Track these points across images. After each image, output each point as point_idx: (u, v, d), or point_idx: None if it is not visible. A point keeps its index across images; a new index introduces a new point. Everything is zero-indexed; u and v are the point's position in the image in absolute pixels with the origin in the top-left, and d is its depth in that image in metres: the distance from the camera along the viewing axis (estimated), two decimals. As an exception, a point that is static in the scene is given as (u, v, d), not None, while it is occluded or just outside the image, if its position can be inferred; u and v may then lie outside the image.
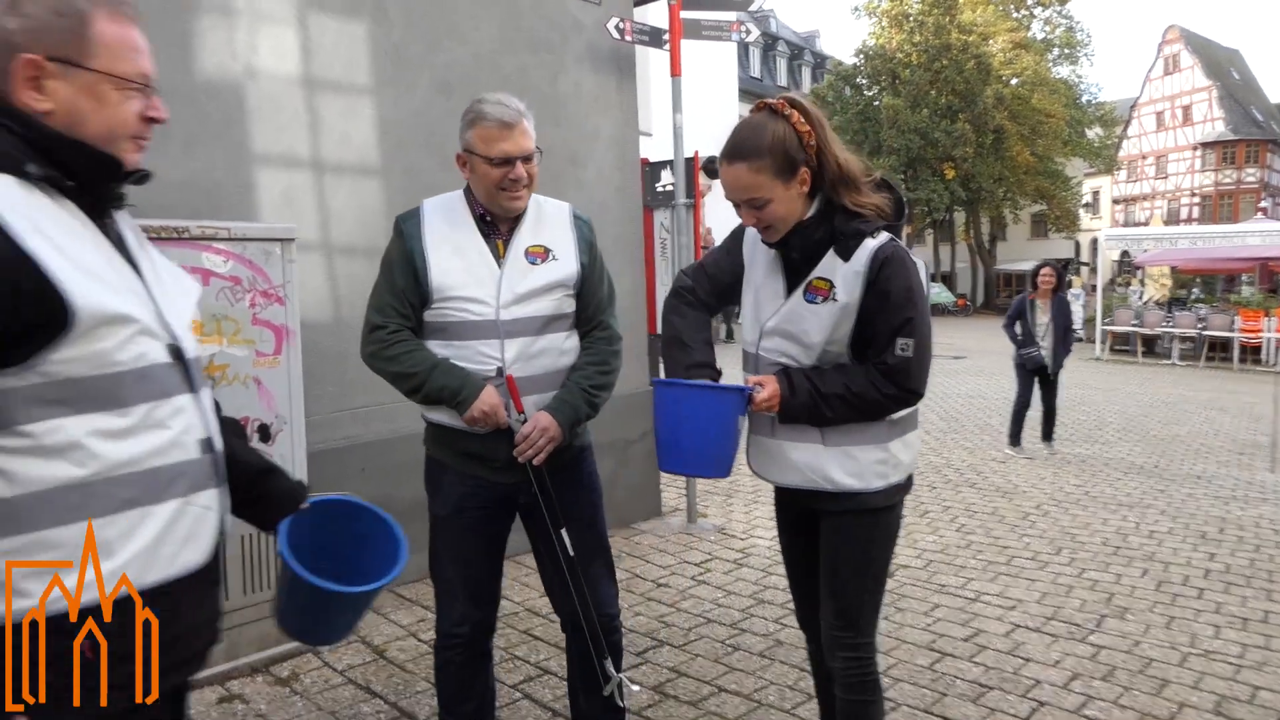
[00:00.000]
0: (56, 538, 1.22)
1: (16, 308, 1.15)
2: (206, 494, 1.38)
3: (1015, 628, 3.80)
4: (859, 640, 2.17)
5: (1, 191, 1.19)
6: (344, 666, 3.39)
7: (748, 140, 1.96)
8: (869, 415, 2.02)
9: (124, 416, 1.26)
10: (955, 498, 6.16)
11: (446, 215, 2.34)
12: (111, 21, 1.29)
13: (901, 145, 33.05)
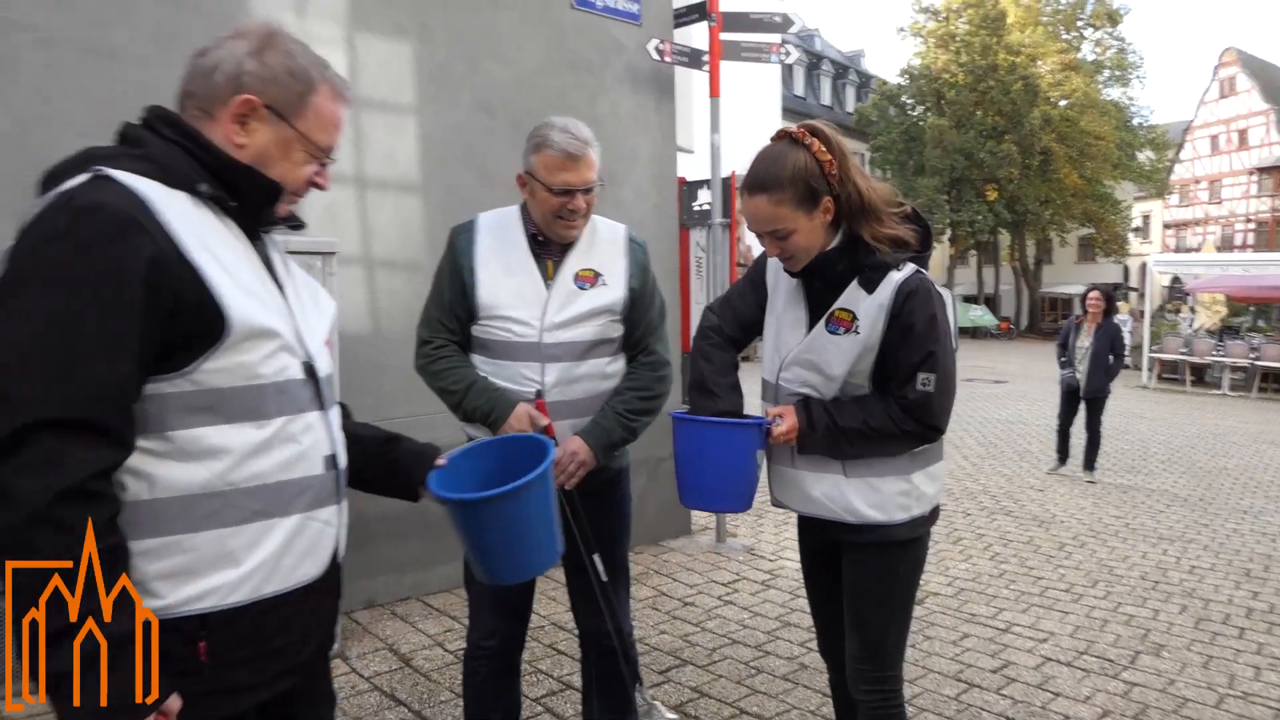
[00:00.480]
0: (190, 543, 1.25)
1: (179, 316, 1.21)
2: (328, 510, 1.42)
3: (1046, 661, 3.73)
4: (884, 673, 2.15)
5: (175, 207, 1.25)
6: (370, 673, 3.44)
7: (768, 171, 1.94)
8: (888, 451, 2.01)
9: (261, 429, 1.31)
10: (990, 525, 6.07)
11: (500, 232, 2.36)
12: (329, 99, 1.41)
13: (945, 166, 32.77)
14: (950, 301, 2.11)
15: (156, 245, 1.19)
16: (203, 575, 1.26)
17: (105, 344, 1.15)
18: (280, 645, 1.36)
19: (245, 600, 1.29)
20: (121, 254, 1.16)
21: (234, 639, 1.29)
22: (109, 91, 3.29)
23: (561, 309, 2.30)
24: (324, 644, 1.52)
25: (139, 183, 1.23)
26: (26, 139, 3.13)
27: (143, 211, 1.20)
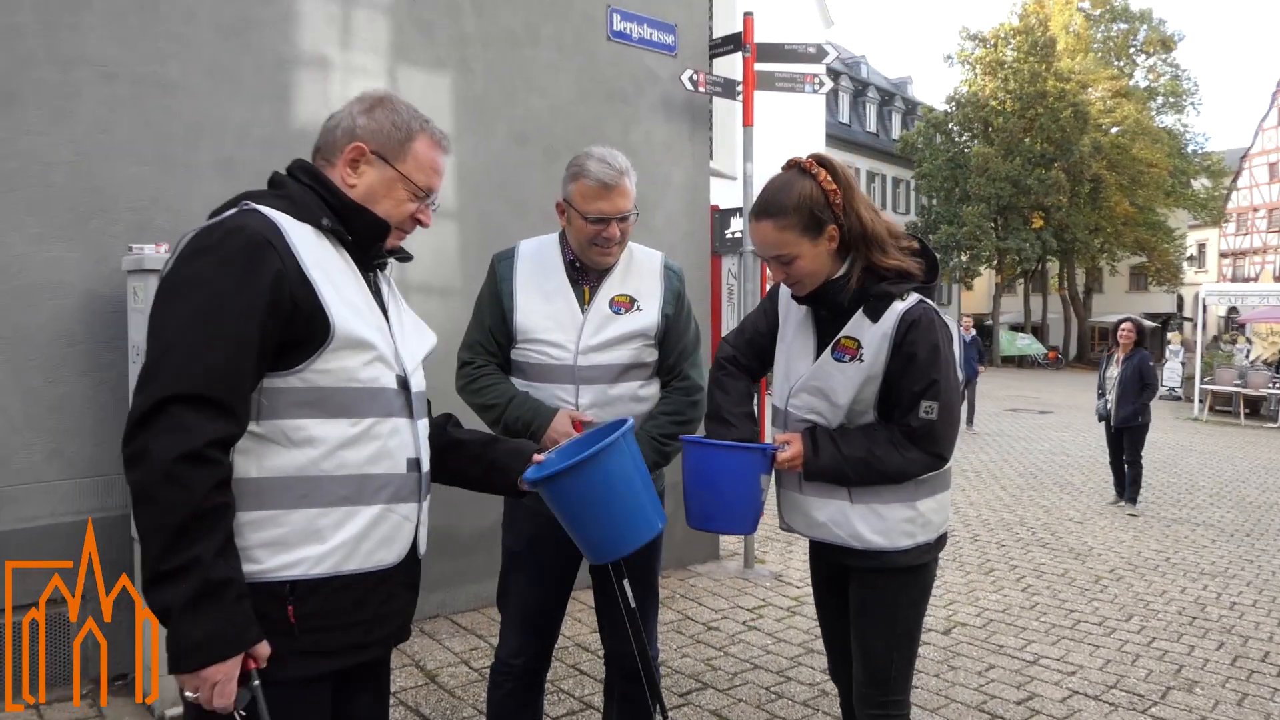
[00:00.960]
0: (286, 518, 1.46)
1: (294, 321, 1.45)
2: (407, 506, 1.61)
3: (1073, 694, 3.68)
4: (889, 699, 2.16)
5: (300, 234, 1.51)
6: (396, 689, 3.52)
7: (774, 198, 2.01)
8: (892, 479, 2.03)
9: (354, 426, 1.52)
10: (1024, 557, 5.99)
11: (539, 258, 2.44)
12: (427, 145, 1.66)
13: (991, 193, 32.41)
14: (957, 334, 2.14)
15: (282, 262, 1.45)
16: (294, 547, 1.46)
17: (233, 337, 1.39)
18: (355, 621, 1.54)
19: (328, 573, 1.49)
20: (254, 267, 1.42)
21: (317, 607, 1.49)
22: (165, 123, 3.48)
23: (596, 333, 2.36)
24: (398, 635, 1.68)
25: (275, 215, 1.51)
26: (88, 168, 3.33)
27: (275, 235, 1.47)
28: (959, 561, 5.81)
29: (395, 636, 1.68)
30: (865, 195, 2.06)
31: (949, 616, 4.66)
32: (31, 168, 3.20)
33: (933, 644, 4.22)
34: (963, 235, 32.22)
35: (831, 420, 2.09)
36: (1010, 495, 8.32)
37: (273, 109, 3.72)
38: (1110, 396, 7.79)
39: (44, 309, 3.27)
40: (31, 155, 3.20)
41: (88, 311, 3.33)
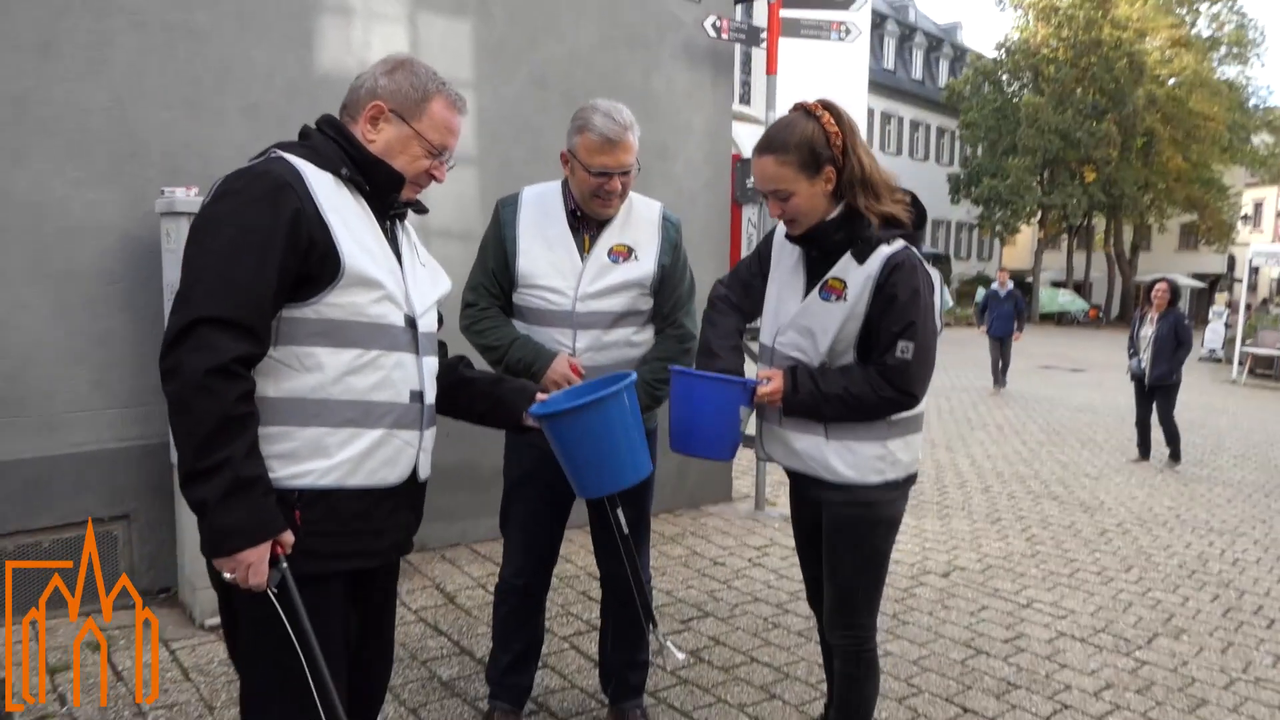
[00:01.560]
0: (298, 434, 1.64)
1: (310, 256, 1.61)
2: (409, 433, 1.77)
3: (1060, 635, 3.81)
4: (855, 620, 2.31)
5: (320, 181, 1.67)
6: (417, 607, 3.76)
7: (778, 135, 2.11)
8: (866, 417, 2.16)
9: (360, 356, 1.68)
10: (1033, 508, 6.08)
11: (542, 206, 2.56)
12: (443, 106, 1.79)
13: (1039, 145, 31.55)
14: (939, 283, 2.23)
15: (301, 203, 1.61)
16: (303, 460, 1.65)
17: (256, 267, 1.56)
18: (356, 530, 1.72)
19: (332, 485, 1.67)
20: (275, 206, 1.59)
21: (321, 514, 1.67)
22: (195, 68, 3.62)
23: (594, 281, 2.50)
24: (400, 546, 1.87)
25: (299, 162, 1.67)
26: (123, 113, 3.49)
27: (296, 179, 1.63)
28: (967, 511, 5.92)
29: (397, 549, 1.87)
30: (865, 143, 2.15)
31: (950, 561, 4.79)
32: (69, 114, 3.38)
33: (929, 585, 4.36)
34: (1005, 188, 31.49)
35: (814, 359, 2.21)
36: (1029, 450, 8.37)
37: (297, 55, 3.84)
38: (1144, 355, 7.82)
39: (86, 249, 3.47)
40: (69, 102, 3.38)
41: (125, 252, 3.53)
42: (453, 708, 2.92)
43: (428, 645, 3.40)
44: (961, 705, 3.12)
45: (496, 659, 2.75)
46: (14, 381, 3.33)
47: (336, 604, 1.74)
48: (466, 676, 3.12)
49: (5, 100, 3.28)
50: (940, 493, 6.42)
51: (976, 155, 34.62)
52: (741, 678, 3.26)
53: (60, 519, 3.42)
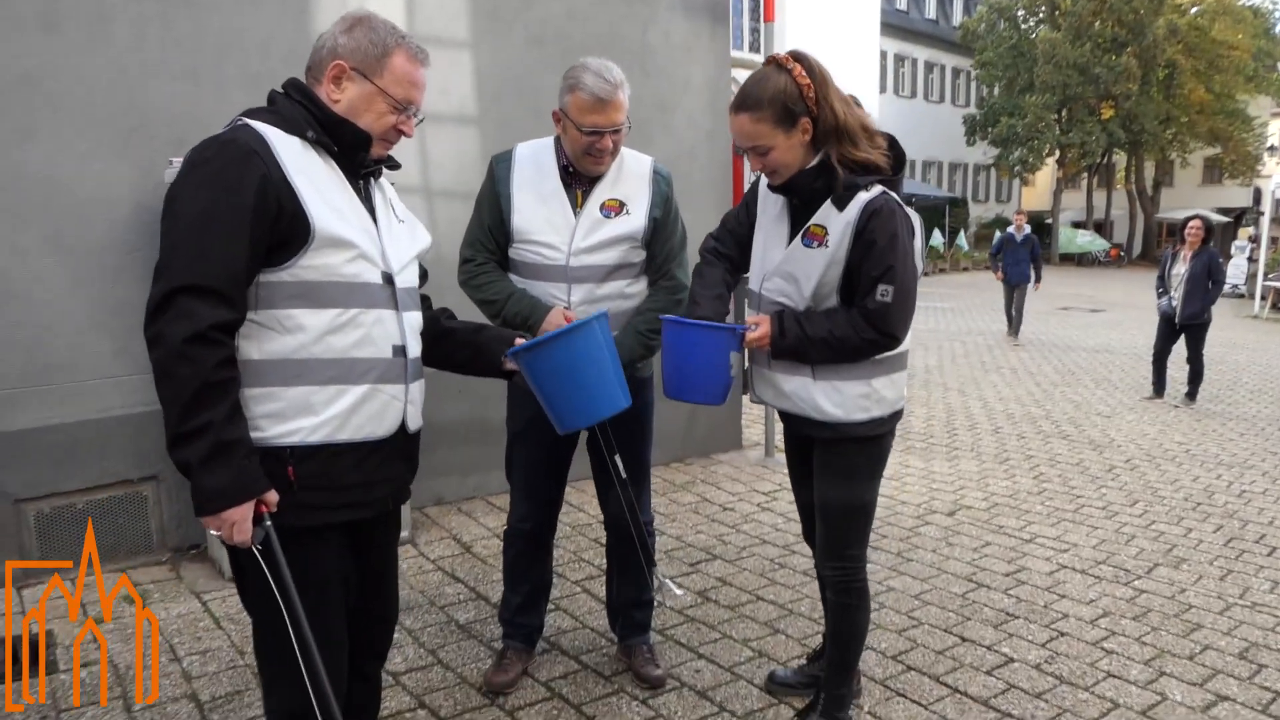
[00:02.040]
0: (283, 394, 1.70)
1: (280, 221, 1.65)
2: (394, 387, 1.82)
3: (1061, 569, 3.90)
4: (845, 552, 2.42)
5: (285, 144, 1.70)
6: (435, 557, 3.91)
7: (751, 92, 2.16)
8: (851, 358, 2.23)
9: (340, 315, 1.73)
10: (1042, 448, 6.14)
11: (535, 162, 2.62)
12: (404, 59, 1.79)
13: (1057, 82, 30.87)
14: (919, 227, 2.29)
15: (267, 169, 1.64)
16: (291, 419, 1.71)
17: (227, 236, 1.60)
18: (348, 483, 1.80)
19: (321, 441, 1.74)
20: (241, 174, 1.62)
21: (312, 469, 1.74)
22: (195, 40, 3.68)
23: (587, 235, 2.57)
24: (395, 495, 1.95)
25: (264, 128, 1.69)
26: (126, 86, 3.57)
27: (261, 146, 1.66)
28: (976, 452, 6.00)
29: (393, 498, 1.94)
30: (840, 90, 2.19)
31: (956, 500, 4.88)
32: (75, 89, 3.46)
33: (934, 524, 4.46)
34: (1023, 127, 30.91)
35: (799, 304, 2.27)
36: (1043, 391, 8.39)
37: (295, 22, 3.89)
38: (1176, 294, 7.78)
39: (98, 222, 3.57)
40: (74, 77, 3.45)
41: (139, 221, 3.63)
42: (469, 649, 3.07)
43: (445, 592, 3.55)
44: (960, 635, 3.23)
45: (508, 600, 2.89)
46: (38, 352, 3.47)
47: (333, 555, 1.83)
48: (482, 620, 3.27)
49: (12, 78, 3.36)
50: (950, 435, 6.49)
51: (994, 95, 33.95)
52: (747, 615, 3.38)
53: (91, 481, 3.58)
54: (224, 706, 2.65)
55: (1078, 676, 2.95)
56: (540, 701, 2.73)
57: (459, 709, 2.69)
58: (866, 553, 2.47)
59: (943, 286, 21.40)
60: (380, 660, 2.16)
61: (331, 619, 1.85)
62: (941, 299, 18.22)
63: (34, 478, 3.49)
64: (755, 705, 2.74)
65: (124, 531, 3.67)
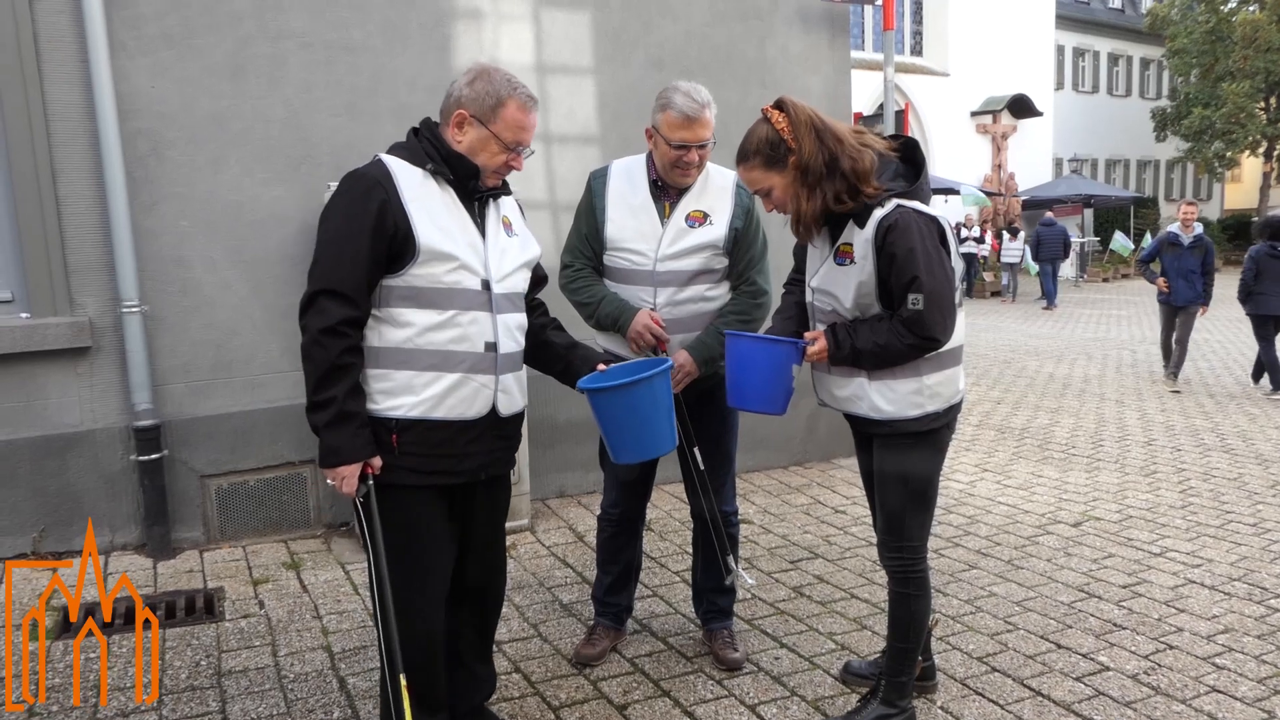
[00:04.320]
0: (393, 375, 2.09)
1: (395, 238, 2.04)
2: (485, 376, 2.16)
3: (1187, 583, 3.72)
4: (903, 544, 2.51)
5: (408, 175, 2.09)
6: (550, 544, 4.23)
7: (741, 146, 2.40)
8: (899, 362, 2.35)
9: (440, 314, 2.10)
10: (1198, 461, 5.75)
11: (628, 177, 2.89)
12: (515, 109, 2.13)
13: (1260, 67, 27.99)
14: (949, 226, 2.36)
15: (388, 196, 2.04)
16: (397, 396, 2.11)
17: (354, 251, 2.03)
18: (442, 453, 2.15)
19: (419, 416, 2.11)
20: (367, 201, 2.04)
21: (412, 438, 2.11)
22: (353, 79, 4.20)
23: (672, 244, 2.80)
24: (487, 467, 2.26)
25: (393, 162, 2.10)
26: (297, 122, 4.13)
27: (385, 178, 2.07)
28: (1120, 463, 5.70)
29: (485, 469, 2.26)
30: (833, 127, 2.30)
31: (1084, 512, 4.70)
32: (255, 126, 4.05)
33: (1056, 534, 4.33)
34: (1220, 118, 28.21)
35: (844, 314, 2.42)
36: (1216, 404, 7.77)
37: (436, 59, 4.35)
38: None
39: (272, 238, 4.15)
40: (255, 115, 4.04)
41: (304, 238, 4.18)
42: (568, 625, 3.34)
43: (554, 575, 3.85)
44: (1056, 642, 3.18)
45: (600, 580, 3.14)
46: (222, 349, 4.08)
47: (427, 511, 2.18)
48: (583, 601, 3.54)
49: (207, 117, 3.98)
50: (1095, 447, 6.19)
51: (1189, 83, 31.19)
52: (837, 611, 3.47)
53: (262, 462, 4.16)
54: (351, 657, 3.06)
55: (1177, 689, 2.85)
56: (622, 675, 2.96)
57: (549, 675, 2.96)
58: (926, 543, 2.54)
59: (1123, 293, 19.94)
60: (485, 625, 2.47)
61: (422, 562, 2.20)
62: (1118, 306, 17.02)
63: (216, 457, 4.09)
64: (827, 693, 2.85)
65: (286, 507, 4.22)
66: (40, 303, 3.81)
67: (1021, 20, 24.97)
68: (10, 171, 3.73)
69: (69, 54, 3.74)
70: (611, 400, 2.28)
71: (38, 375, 3.82)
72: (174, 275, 3.99)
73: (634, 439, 2.34)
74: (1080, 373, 9.50)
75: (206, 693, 2.85)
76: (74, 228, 3.82)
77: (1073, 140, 29.48)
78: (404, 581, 2.15)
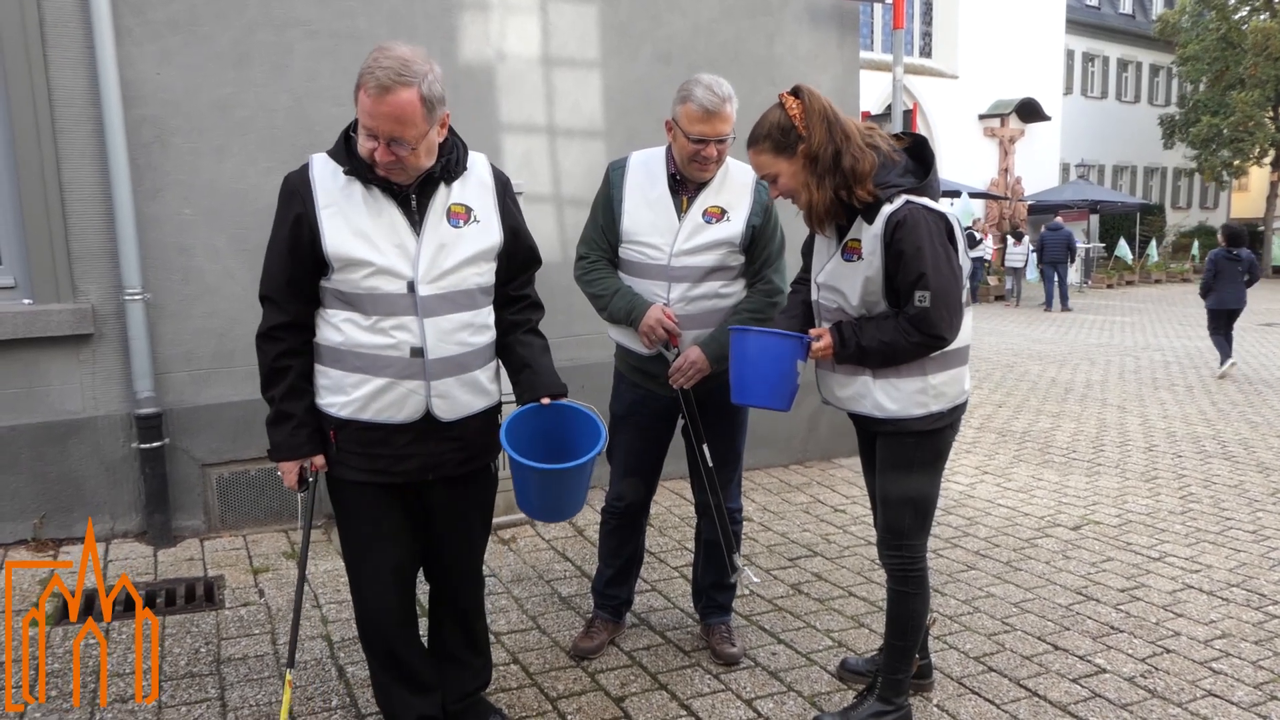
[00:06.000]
0: (328, 373, 2.12)
1: (314, 246, 2.04)
2: (413, 382, 2.11)
3: (1185, 588, 3.71)
4: (902, 543, 2.50)
5: (327, 179, 2.06)
6: (550, 537, 4.23)
7: (754, 130, 2.37)
8: (904, 360, 2.34)
9: (365, 319, 2.10)
10: (1199, 467, 5.73)
11: (647, 169, 2.86)
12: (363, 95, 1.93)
13: (1271, 76, 27.92)
14: (958, 224, 2.35)
15: (303, 206, 2.05)
16: (333, 394, 2.15)
17: (278, 257, 2.09)
18: (377, 454, 2.16)
19: (348, 416, 2.14)
20: (286, 210, 2.08)
21: (347, 436, 2.16)
22: (358, 68, 4.18)
23: (688, 239, 2.78)
24: (435, 468, 2.21)
25: (319, 165, 2.08)
26: (301, 110, 4.13)
27: (303, 185, 2.06)
28: (1120, 468, 5.69)
29: (434, 469, 2.20)
30: (846, 121, 2.29)
31: (1084, 516, 4.69)
32: (259, 114, 4.05)
33: (1055, 537, 4.33)
34: (1229, 126, 28.14)
35: (850, 311, 2.40)
36: (1218, 411, 7.76)
37: (442, 48, 4.34)
38: None
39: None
40: (259, 104, 4.04)
41: (307, 227, 4.18)
42: (566, 618, 3.34)
43: (554, 568, 3.85)
44: (1053, 644, 3.18)
45: (601, 573, 3.14)
46: (225, 337, 4.08)
47: (374, 504, 2.20)
48: (582, 594, 3.53)
49: (212, 105, 3.98)
50: (1095, 451, 6.18)
51: (1198, 90, 31.10)
52: (835, 609, 3.47)
53: (263, 451, 4.09)
54: (350, 646, 3.05)
55: (1174, 692, 2.85)
56: (620, 668, 2.96)
57: (547, 667, 2.96)
58: (926, 543, 2.54)
59: (1128, 299, 19.88)
60: (461, 614, 2.46)
61: (370, 550, 2.24)
62: (1124, 313, 16.98)
63: (218, 446, 4.10)
64: (823, 689, 2.85)
65: (287, 497, 4.22)
66: (43, 289, 3.81)
67: (1031, 24, 24.89)
68: (14, 158, 3.74)
69: (74, 40, 3.74)
70: (518, 473, 2.14)
71: (40, 362, 3.82)
72: (177, 263, 3.99)
73: (549, 505, 2.29)
74: (1083, 377, 9.48)
75: (206, 679, 2.85)
76: (77, 214, 3.83)
77: (1080, 145, 29.44)
78: (353, 566, 2.25)
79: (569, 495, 2.24)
